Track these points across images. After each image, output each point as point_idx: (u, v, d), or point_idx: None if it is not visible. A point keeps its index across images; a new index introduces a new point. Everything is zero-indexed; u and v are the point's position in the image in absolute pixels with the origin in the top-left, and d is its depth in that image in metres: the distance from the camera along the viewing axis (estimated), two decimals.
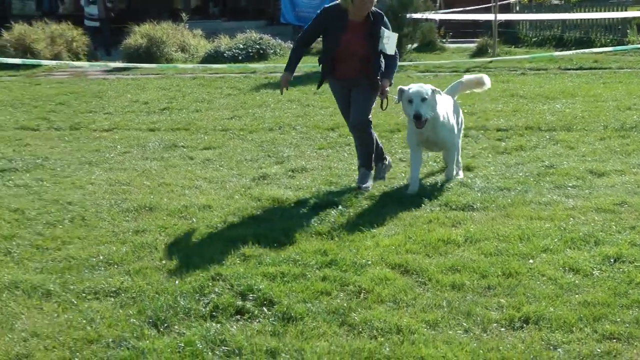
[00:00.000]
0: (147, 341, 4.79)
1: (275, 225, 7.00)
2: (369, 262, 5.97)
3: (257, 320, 5.07)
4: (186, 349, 4.64)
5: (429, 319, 4.98)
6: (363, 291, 5.45)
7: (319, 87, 8.80)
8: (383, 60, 8.10)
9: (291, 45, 23.33)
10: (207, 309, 5.22)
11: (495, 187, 8.07)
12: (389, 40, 8.02)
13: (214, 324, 5.00)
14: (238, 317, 5.14)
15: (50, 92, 17.23)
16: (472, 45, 22.71)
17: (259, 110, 13.84)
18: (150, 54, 21.98)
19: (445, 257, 6.08)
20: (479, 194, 7.80)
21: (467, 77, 9.22)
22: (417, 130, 7.85)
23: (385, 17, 8.18)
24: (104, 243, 6.76)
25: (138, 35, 22.68)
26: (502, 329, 4.88)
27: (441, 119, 7.94)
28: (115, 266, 6.18)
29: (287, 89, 8.35)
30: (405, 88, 7.84)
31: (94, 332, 4.97)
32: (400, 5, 20.10)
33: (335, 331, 4.88)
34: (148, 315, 5.15)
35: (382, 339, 4.72)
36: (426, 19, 21.44)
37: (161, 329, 4.97)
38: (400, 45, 20.97)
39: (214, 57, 22.57)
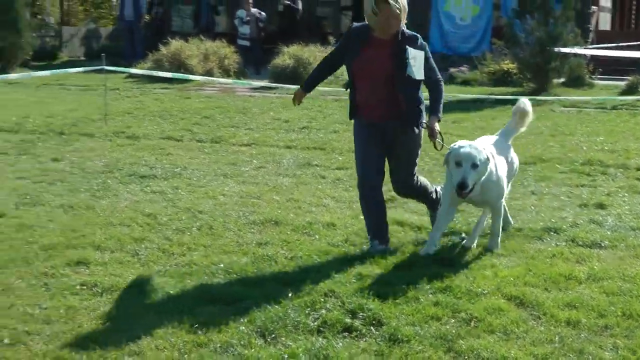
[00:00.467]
0: (253, 350, 4.84)
1: (395, 247, 6.96)
2: (485, 292, 5.85)
3: (364, 339, 5.05)
4: None
5: (538, 353, 4.84)
6: (474, 319, 5.34)
7: (350, 117, 7.29)
8: (423, 94, 7.00)
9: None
10: (316, 324, 5.23)
11: (628, 226, 7.79)
12: (416, 61, 6.79)
13: (320, 339, 5.01)
14: (345, 334, 5.13)
15: (198, 106, 17.69)
16: (623, 83, 22.06)
17: None
18: (296, 74, 22.24)
19: (564, 293, 5.89)
20: (608, 232, 7.54)
21: (514, 114, 7.59)
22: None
23: (421, 41, 6.92)
24: (226, 252, 6.89)
25: (286, 55, 23.02)
26: None
27: (493, 178, 6.72)
28: (235, 275, 6.27)
29: (298, 104, 7.47)
30: (455, 145, 6.62)
31: (204, 336, 5.06)
32: (549, 39, 19.66)
33: (440, 357, 4.80)
34: (257, 325, 5.20)
35: None
36: (575, 54, 20.92)
37: (268, 339, 5.01)
38: (547, 78, 20.68)
39: None
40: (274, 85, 20.40)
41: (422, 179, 7.35)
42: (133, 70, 20.07)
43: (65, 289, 5.96)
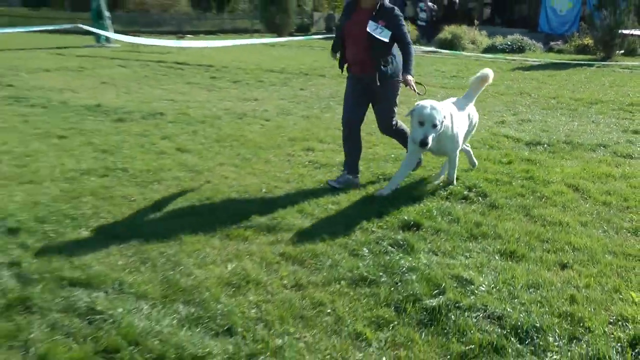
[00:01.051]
0: (402, 206, 4.77)
1: (501, 152, 6.61)
2: (554, 181, 5.49)
3: (474, 205, 4.89)
4: (425, 213, 4.59)
5: (582, 220, 4.53)
6: (545, 197, 5.04)
7: (341, 70, 5.46)
8: (399, 55, 5.21)
9: (541, 45, 21.62)
10: (445, 193, 5.11)
11: None
12: (379, 29, 5.04)
13: (446, 203, 4.90)
14: (463, 201, 4.98)
15: None
16: None
17: (510, 82, 12.98)
18: (452, 43, 21.34)
19: (604, 185, 5.43)
20: (638, 148, 6.85)
21: (472, 79, 5.75)
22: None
23: (396, 12, 5.10)
24: (396, 148, 6.68)
25: (447, 32, 22.05)
26: (629, 234, 4.34)
27: (449, 132, 5.04)
28: (399, 162, 6.18)
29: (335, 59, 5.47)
30: (420, 105, 4.90)
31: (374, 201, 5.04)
32: (615, 24, 17.91)
33: (520, 218, 4.58)
34: (409, 193, 5.14)
35: (549, 227, 4.38)
36: (632, 34, 18.89)
37: (415, 200, 4.92)
38: (612, 50, 18.69)
39: (490, 48, 21.40)
40: (438, 50, 19.72)
41: (402, 124, 5.69)
42: None
43: (299, 163, 6.10)
